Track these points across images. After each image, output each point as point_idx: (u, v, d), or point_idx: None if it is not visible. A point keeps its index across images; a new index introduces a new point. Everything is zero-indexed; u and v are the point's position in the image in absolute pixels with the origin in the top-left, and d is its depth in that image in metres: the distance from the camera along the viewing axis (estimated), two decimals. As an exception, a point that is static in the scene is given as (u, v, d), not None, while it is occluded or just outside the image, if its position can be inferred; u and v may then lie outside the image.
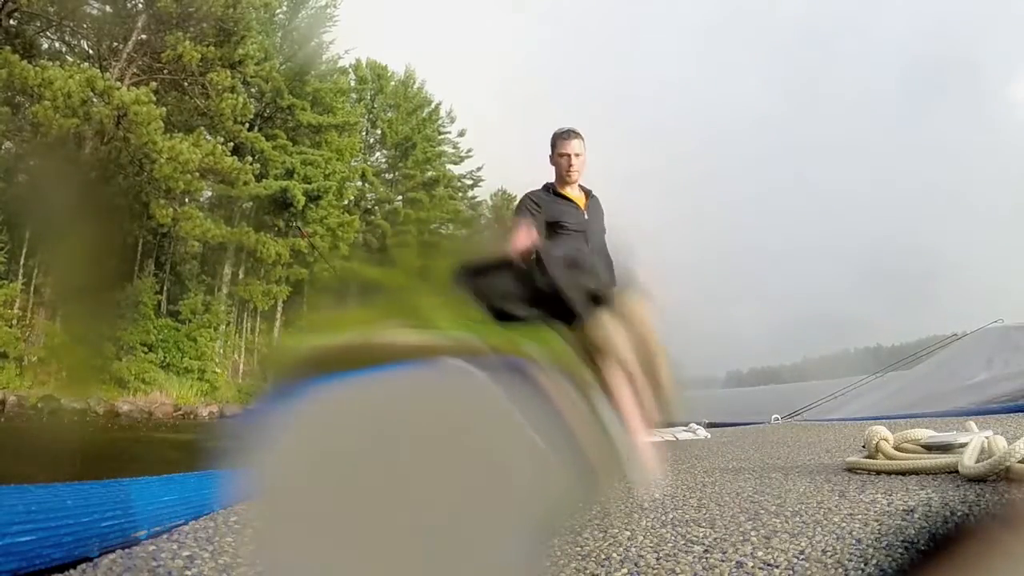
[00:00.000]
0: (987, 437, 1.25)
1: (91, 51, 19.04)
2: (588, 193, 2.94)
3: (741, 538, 0.79)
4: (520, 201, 2.87)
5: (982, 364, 6.96)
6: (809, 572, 0.65)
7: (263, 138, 21.39)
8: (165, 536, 0.85)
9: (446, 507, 0.30)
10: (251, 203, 21.45)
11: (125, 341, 17.51)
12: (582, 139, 2.85)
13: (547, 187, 2.88)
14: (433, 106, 29.57)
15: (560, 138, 2.82)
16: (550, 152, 2.86)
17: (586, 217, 2.84)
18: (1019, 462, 1.02)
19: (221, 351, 20.56)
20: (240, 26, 19.40)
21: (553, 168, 2.87)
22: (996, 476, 1.05)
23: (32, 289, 16.96)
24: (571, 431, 0.33)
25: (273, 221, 21.71)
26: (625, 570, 0.69)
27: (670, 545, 0.78)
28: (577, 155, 2.81)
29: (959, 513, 0.86)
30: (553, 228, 2.76)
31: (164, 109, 17.19)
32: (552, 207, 2.80)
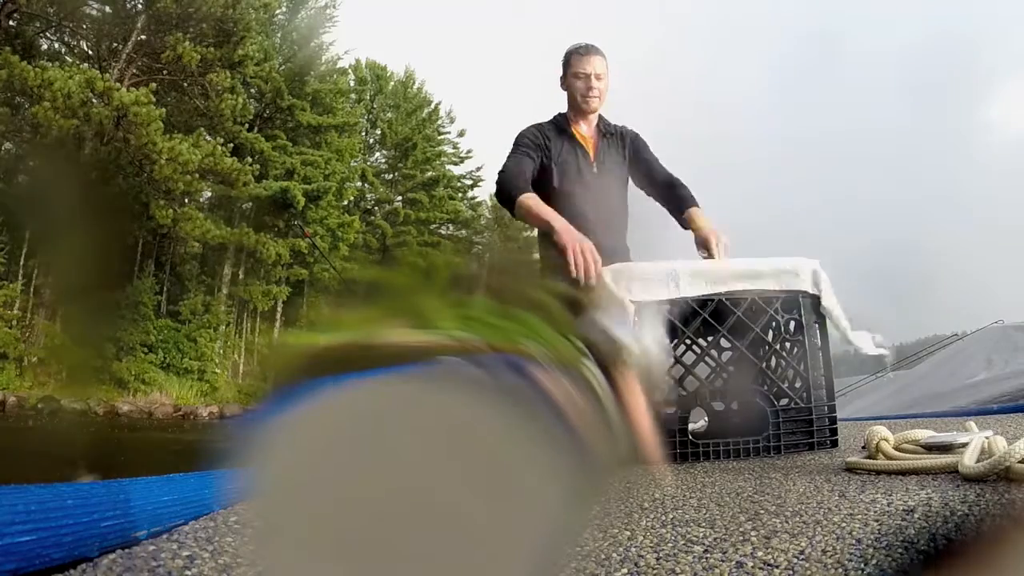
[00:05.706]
0: (987, 437, 1.25)
1: (91, 52, 19.06)
2: (605, 131, 2.30)
3: (741, 538, 0.79)
4: (519, 136, 2.24)
5: (982, 364, 6.96)
6: (809, 572, 0.65)
7: (263, 139, 21.40)
8: (165, 536, 0.85)
9: (448, 509, 0.30)
10: (251, 203, 21.46)
11: (125, 341, 17.51)
12: (604, 57, 2.22)
13: (556, 120, 2.30)
14: (433, 106, 29.60)
15: (576, 54, 2.22)
16: (562, 75, 2.28)
17: (595, 170, 2.23)
18: (1019, 462, 1.02)
19: (221, 351, 20.56)
20: (240, 27, 19.40)
21: (566, 96, 2.27)
22: (996, 476, 1.05)
23: (32, 290, 16.96)
24: (574, 430, 0.33)
25: (273, 221, 21.71)
26: (625, 570, 0.69)
27: (670, 545, 0.78)
28: (598, 77, 2.20)
29: (959, 513, 0.86)
30: (553, 175, 2.20)
31: (164, 110, 17.20)
32: (557, 149, 2.21)
